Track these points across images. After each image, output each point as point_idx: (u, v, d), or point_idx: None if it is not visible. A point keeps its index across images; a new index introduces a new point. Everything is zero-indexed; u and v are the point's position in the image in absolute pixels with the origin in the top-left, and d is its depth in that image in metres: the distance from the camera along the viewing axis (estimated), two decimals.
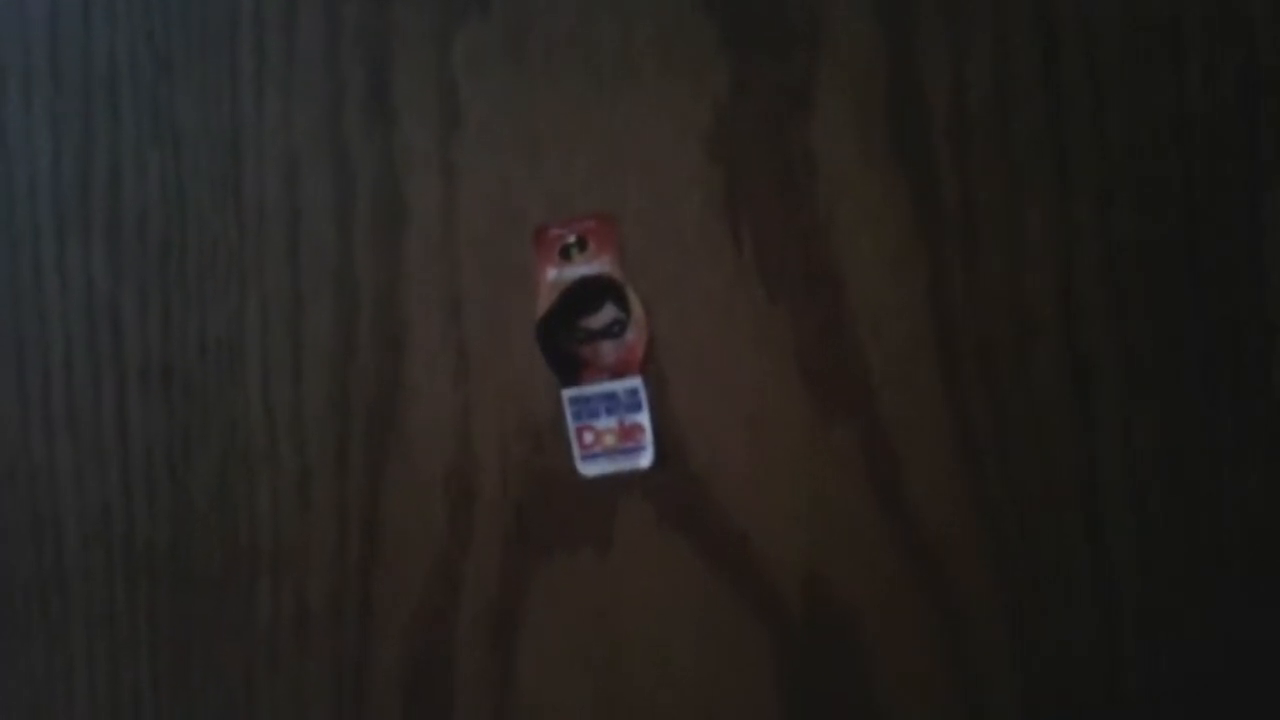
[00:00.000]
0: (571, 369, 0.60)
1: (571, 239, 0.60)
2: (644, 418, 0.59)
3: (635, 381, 0.59)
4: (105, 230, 0.64)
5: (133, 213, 0.64)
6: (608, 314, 0.60)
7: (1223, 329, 0.58)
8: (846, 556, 0.60)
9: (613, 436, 0.59)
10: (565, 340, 0.60)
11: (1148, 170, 0.58)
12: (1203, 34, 0.58)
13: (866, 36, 0.59)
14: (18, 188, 0.65)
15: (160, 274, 0.63)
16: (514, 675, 0.62)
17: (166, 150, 0.63)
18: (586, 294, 0.60)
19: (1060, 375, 0.58)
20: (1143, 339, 0.58)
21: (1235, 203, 0.57)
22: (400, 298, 0.62)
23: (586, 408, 0.60)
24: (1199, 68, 0.58)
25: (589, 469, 0.60)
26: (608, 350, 0.60)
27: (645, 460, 0.59)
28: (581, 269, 0.59)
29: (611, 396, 0.59)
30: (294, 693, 0.63)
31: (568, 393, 0.60)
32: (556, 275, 0.60)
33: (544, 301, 0.60)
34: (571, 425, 0.60)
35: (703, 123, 0.60)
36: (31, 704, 0.65)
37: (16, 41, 0.64)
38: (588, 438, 0.60)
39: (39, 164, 0.65)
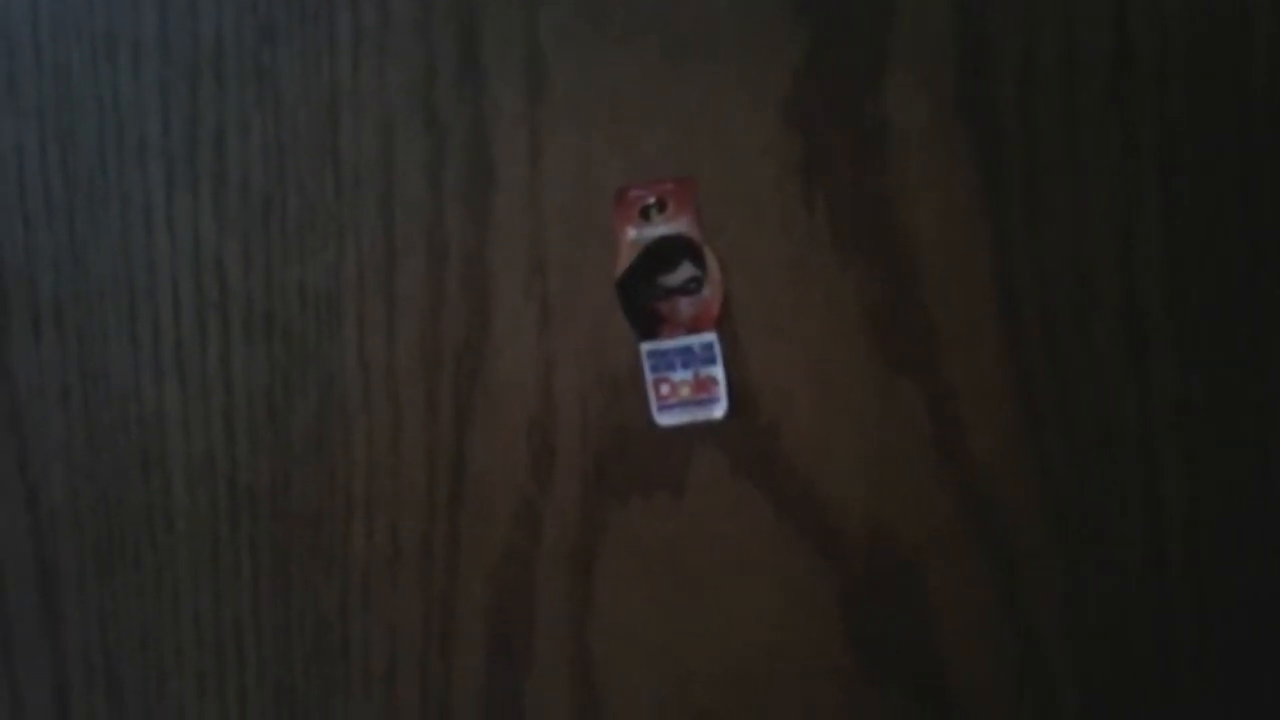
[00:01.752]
0: (649, 324, 0.63)
1: (651, 200, 0.63)
2: (718, 371, 0.62)
3: (710, 336, 0.62)
4: (211, 188, 0.68)
5: (237, 172, 0.68)
6: (685, 272, 0.63)
7: (1274, 293, 0.59)
8: (908, 506, 0.62)
9: (688, 388, 0.63)
10: (644, 296, 0.63)
11: (1208, 139, 0.59)
12: (1270, 7, 0.59)
13: (938, 8, 0.61)
14: (128, 149, 0.69)
15: (263, 229, 0.67)
16: (590, 611, 0.65)
17: (268, 113, 0.67)
18: (665, 253, 0.63)
19: (1118, 335, 0.60)
20: (1198, 302, 0.60)
21: None
22: (487, 254, 0.65)
23: (663, 360, 0.63)
24: (1264, 39, 0.59)
25: (665, 419, 0.63)
26: (684, 306, 0.63)
27: (719, 411, 0.63)
28: (660, 229, 0.62)
29: (687, 350, 0.62)
30: (385, 624, 0.67)
31: (646, 346, 0.63)
32: (636, 234, 0.63)
33: (624, 259, 0.63)
34: (649, 377, 0.63)
35: (778, 90, 0.62)
36: (141, 630, 0.70)
37: (127, 12, 0.68)
38: (664, 389, 0.63)
39: (148, 126, 0.69)
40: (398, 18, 0.65)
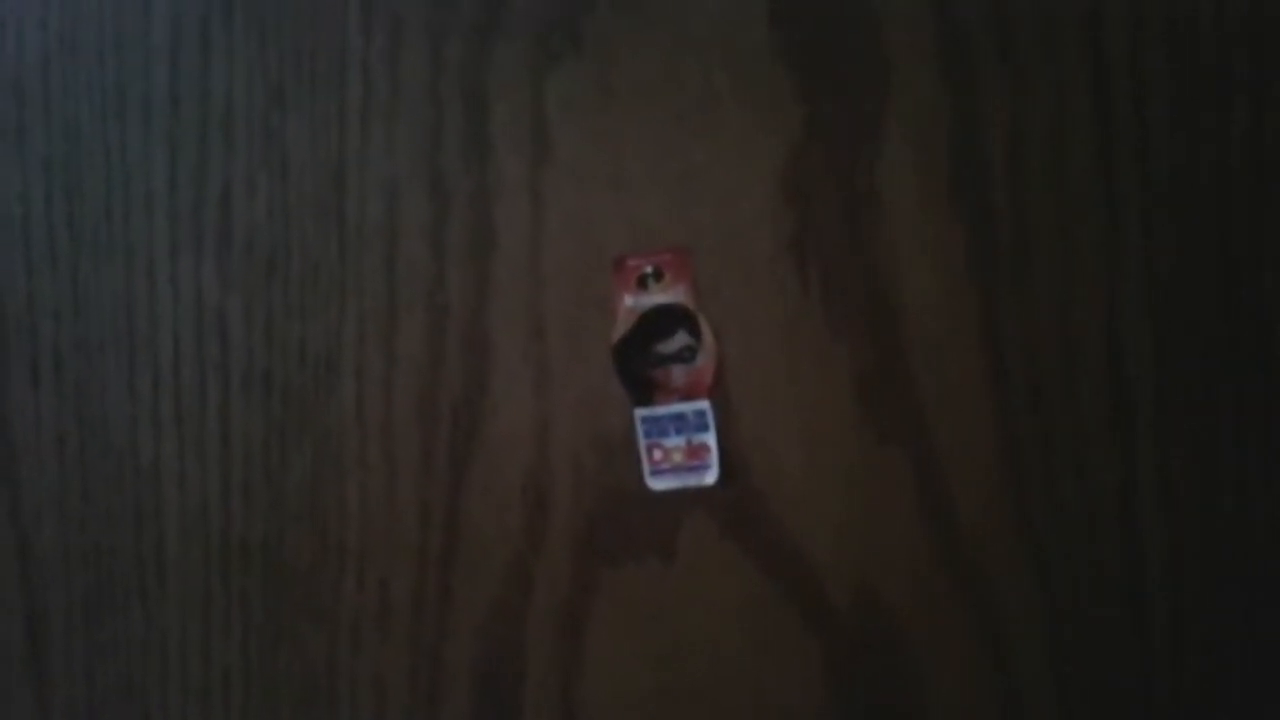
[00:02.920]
0: (644, 390, 0.64)
1: (649, 269, 0.64)
2: (710, 438, 0.63)
3: (703, 404, 0.63)
4: (216, 246, 0.69)
5: (242, 231, 0.69)
6: (680, 340, 0.65)
7: (1258, 360, 0.61)
8: (895, 570, 0.63)
9: (680, 454, 0.64)
10: (639, 363, 0.65)
11: (1191, 212, 0.61)
12: (1248, 81, 0.61)
13: (930, 83, 0.63)
14: (134, 203, 0.70)
15: (265, 288, 0.68)
16: (580, 671, 0.66)
17: (275, 174, 0.68)
18: (661, 321, 0.64)
19: (1103, 404, 0.62)
20: (1181, 371, 0.61)
21: (1273, 240, 0.61)
22: (487, 317, 0.66)
23: (657, 426, 0.64)
24: (1245, 111, 0.61)
25: (657, 484, 0.64)
26: (679, 374, 0.65)
27: (710, 477, 0.64)
28: (657, 297, 0.64)
29: (681, 417, 0.64)
30: (373, 678, 0.68)
31: (640, 412, 0.64)
32: (634, 302, 0.64)
33: (621, 326, 0.64)
34: (642, 442, 0.64)
35: (775, 163, 0.64)
36: (127, 680, 0.70)
37: (139, 68, 0.70)
38: (657, 454, 0.64)
39: (155, 182, 0.70)
40: (406, 84, 0.67)
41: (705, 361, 0.64)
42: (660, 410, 0.64)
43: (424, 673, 0.67)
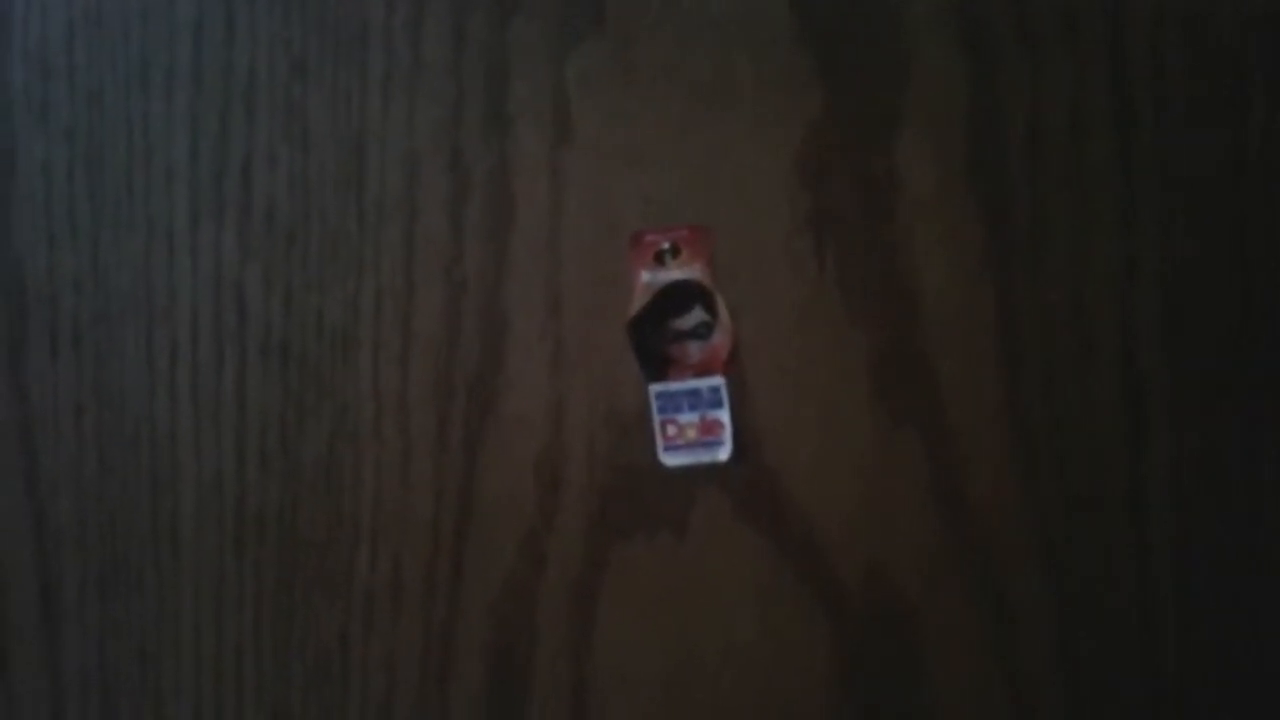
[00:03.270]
0: (659, 366, 0.65)
1: (666, 245, 0.64)
2: (724, 414, 0.64)
3: (718, 380, 0.64)
4: (236, 217, 0.69)
5: (262, 202, 0.69)
6: (695, 317, 0.65)
7: (1272, 350, 0.61)
8: (905, 551, 0.64)
9: (694, 430, 0.64)
10: (655, 339, 0.65)
11: (1207, 199, 0.62)
12: (1268, 69, 0.61)
13: (950, 68, 0.63)
14: (155, 174, 0.70)
15: (284, 260, 0.69)
16: (591, 646, 0.66)
17: (296, 146, 0.69)
18: (677, 297, 0.64)
19: (1116, 389, 0.62)
20: (1194, 356, 0.62)
21: None
22: (504, 293, 0.67)
23: (671, 402, 0.64)
24: (1263, 102, 0.61)
25: (671, 460, 0.64)
26: (694, 350, 0.65)
27: (724, 454, 0.64)
28: (674, 274, 0.64)
29: (695, 393, 0.64)
30: (385, 653, 0.68)
31: (654, 388, 0.64)
32: (650, 278, 0.64)
33: (637, 302, 0.65)
34: (656, 418, 0.64)
35: (793, 144, 0.64)
36: (140, 651, 0.71)
37: (163, 41, 0.70)
38: (671, 430, 0.64)
39: (176, 153, 0.70)
40: (428, 58, 0.67)
41: (720, 338, 0.64)
42: (675, 386, 0.64)
43: (436, 648, 0.68)
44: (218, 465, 0.70)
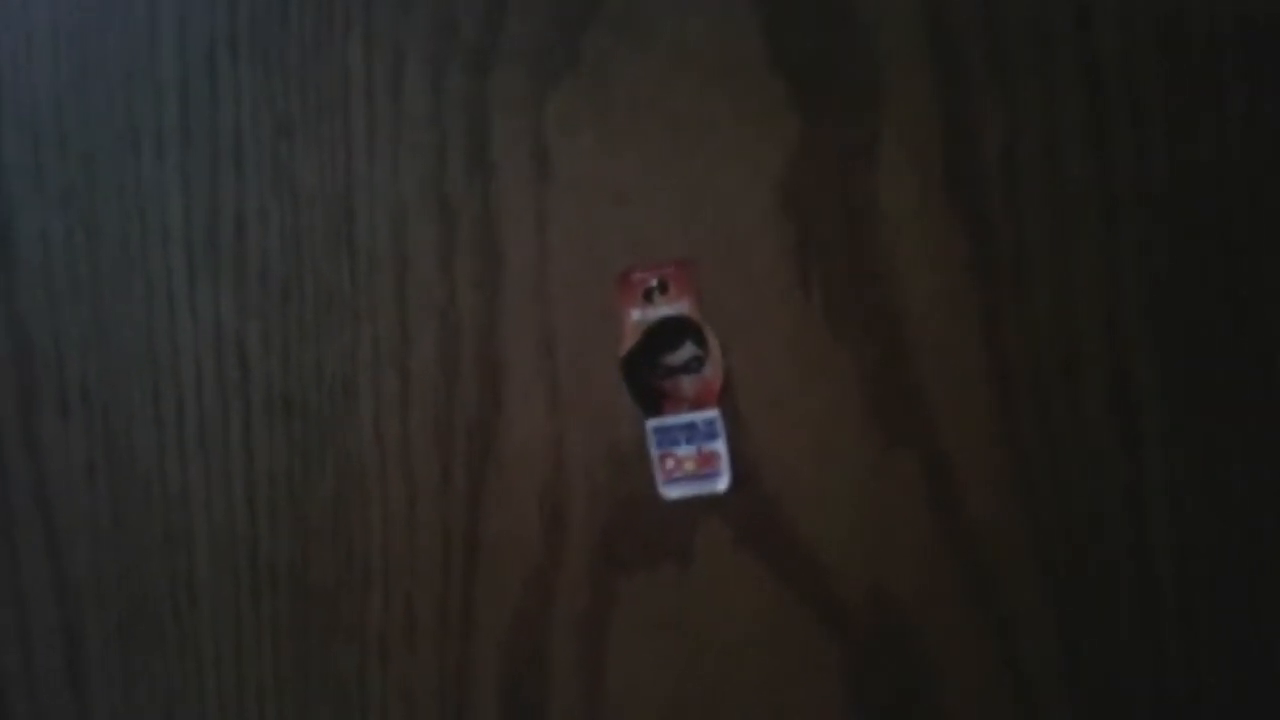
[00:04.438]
0: (654, 401, 0.66)
1: (654, 282, 0.65)
2: (720, 445, 0.65)
3: (713, 413, 0.65)
4: (232, 274, 0.71)
5: (256, 259, 0.70)
6: (687, 351, 0.66)
7: (1258, 356, 0.62)
8: (906, 570, 0.64)
9: (692, 463, 0.65)
10: (648, 375, 0.66)
11: (1188, 213, 0.62)
12: (1242, 84, 0.61)
13: (924, 94, 0.64)
14: (151, 234, 0.72)
15: (281, 314, 0.70)
16: (602, 677, 0.67)
17: (286, 203, 0.70)
18: (667, 333, 0.65)
19: (1106, 402, 0.63)
20: (1182, 368, 0.62)
21: (1270, 244, 0.61)
22: (498, 336, 0.68)
23: (668, 436, 0.65)
24: (1239, 117, 0.61)
25: (670, 492, 0.65)
26: (687, 384, 0.66)
27: (722, 484, 0.65)
28: (663, 310, 0.65)
29: (691, 426, 0.65)
30: (402, 693, 0.69)
31: (651, 423, 0.65)
32: (640, 316, 0.65)
33: (628, 340, 0.65)
34: (655, 452, 0.65)
35: (774, 175, 0.65)
36: (166, 702, 0.72)
37: (150, 103, 0.71)
38: (669, 464, 0.65)
39: (170, 214, 0.71)
40: (409, 112, 0.68)
41: (712, 371, 0.65)
42: (670, 420, 0.65)
43: (451, 685, 0.69)
44: (229, 516, 0.71)
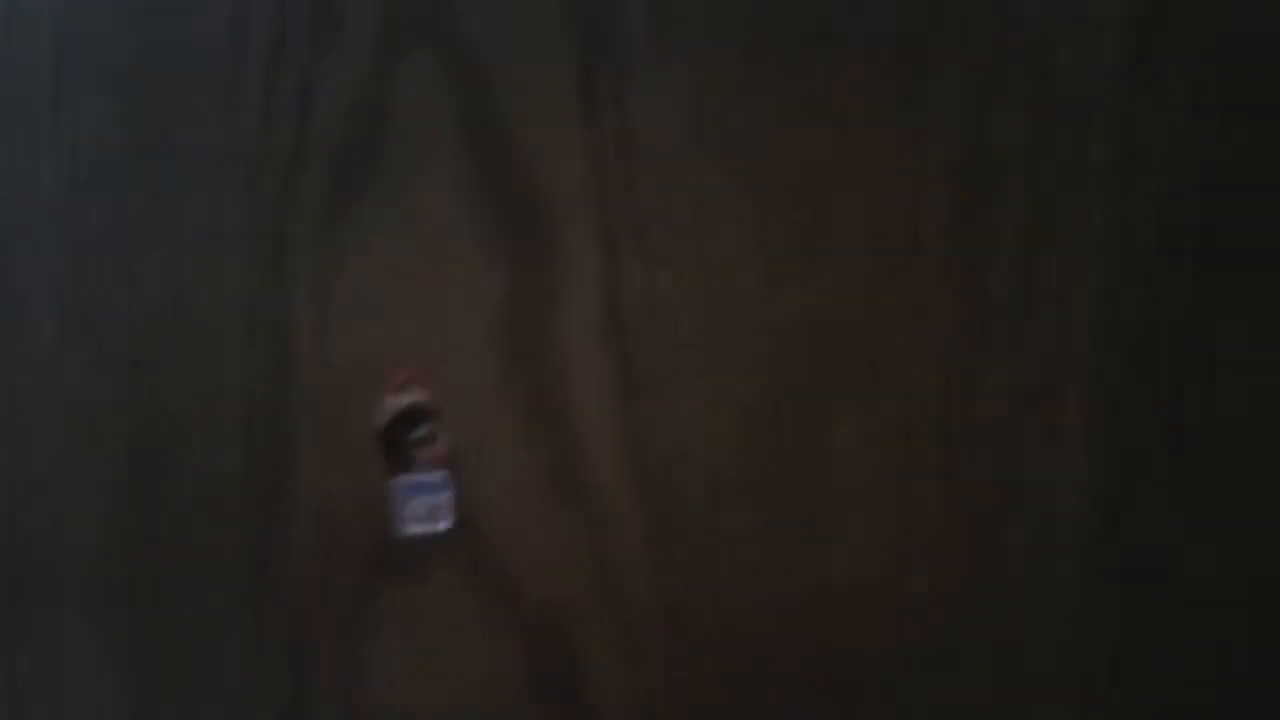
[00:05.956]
0: (402, 464, 0.91)
1: (401, 380, 0.91)
2: (447, 497, 0.90)
3: (442, 473, 0.90)
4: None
5: None
6: (425, 428, 0.91)
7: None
8: (581, 588, 0.89)
9: (424, 510, 0.90)
10: (399, 445, 0.92)
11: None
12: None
13: (595, 258, 0.89)
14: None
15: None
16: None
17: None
18: (411, 417, 0.91)
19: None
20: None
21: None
22: (290, 427, 0.92)
23: (410, 489, 0.91)
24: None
25: (410, 530, 0.91)
26: (424, 452, 0.91)
27: (445, 525, 0.90)
28: (407, 399, 0.91)
29: (428, 483, 0.90)
30: None
31: (397, 480, 0.91)
32: (393, 403, 0.91)
33: (383, 419, 0.91)
34: (401, 500, 0.91)
35: (491, 304, 0.90)
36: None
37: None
38: (409, 509, 0.91)
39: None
40: None
41: (442, 442, 0.90)
42: (412, 478, 0.90)
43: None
44: None
